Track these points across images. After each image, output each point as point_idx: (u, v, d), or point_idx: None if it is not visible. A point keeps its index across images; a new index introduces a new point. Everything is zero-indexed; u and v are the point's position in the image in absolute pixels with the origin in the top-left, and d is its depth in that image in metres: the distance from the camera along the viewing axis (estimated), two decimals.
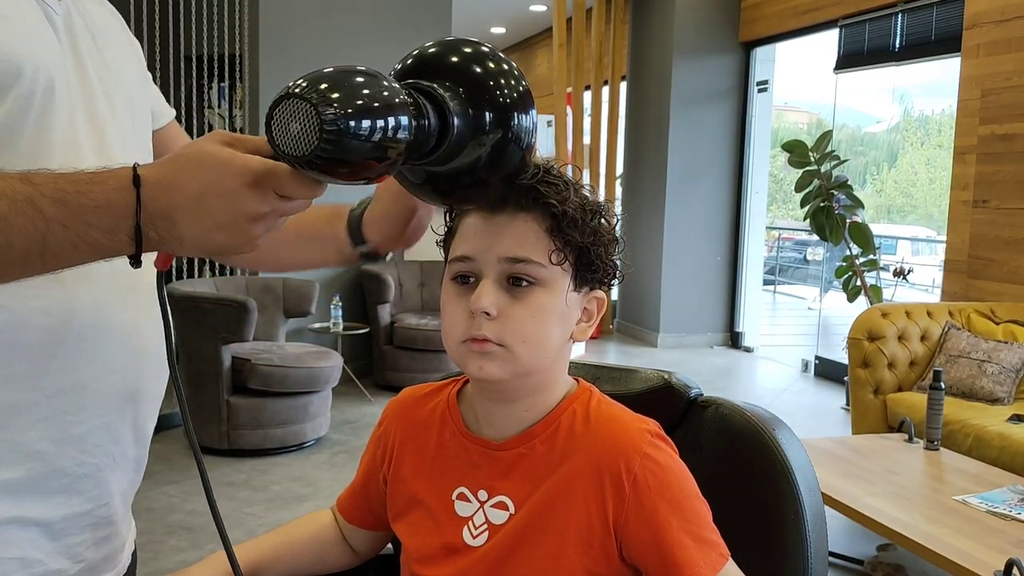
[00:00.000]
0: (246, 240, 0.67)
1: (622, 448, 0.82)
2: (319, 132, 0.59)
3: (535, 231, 0.80)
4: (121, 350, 0.83)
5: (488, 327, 0.79)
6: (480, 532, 0.86)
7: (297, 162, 0.62)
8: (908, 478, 2.72)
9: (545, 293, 0.81)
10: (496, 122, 0.72)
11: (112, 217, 0.65)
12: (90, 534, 0.84)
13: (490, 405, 0.88)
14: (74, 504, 0.81)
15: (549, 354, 0.83)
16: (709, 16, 6.92)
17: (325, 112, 0.59)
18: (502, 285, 0.81)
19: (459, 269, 0.83)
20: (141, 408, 0.87)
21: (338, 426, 4.48)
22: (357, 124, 0.60)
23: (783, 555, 0.88)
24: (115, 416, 0.83)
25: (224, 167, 0.65)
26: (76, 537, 0.82)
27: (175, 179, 0.65)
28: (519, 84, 0.74)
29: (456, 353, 0.83)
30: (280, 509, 3.38)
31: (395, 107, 0.63)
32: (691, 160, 6.98)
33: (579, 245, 0.81)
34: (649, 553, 0.80)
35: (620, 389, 1.03)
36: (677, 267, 7.05)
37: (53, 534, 0.80)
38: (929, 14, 5.24)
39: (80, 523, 0.82)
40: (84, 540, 0.83)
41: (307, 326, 5.06)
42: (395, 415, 0.97)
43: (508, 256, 0.80)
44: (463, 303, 0.81)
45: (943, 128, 17.33)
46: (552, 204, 0.80)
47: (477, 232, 0.82)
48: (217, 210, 0.65)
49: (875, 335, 3.84)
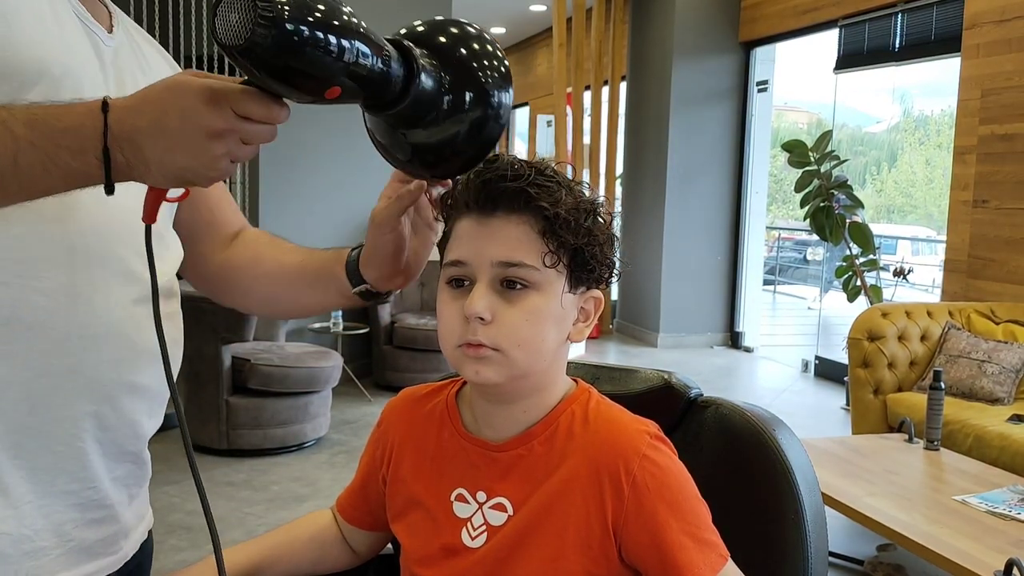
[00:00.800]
0: (208, 161, 0.68)
1: (621, 450, 0.82)
2: (254, 20, 0.61)
3: (528, 234, 0.80)
4: (121, 343, 0.83)
5: (482, 332, 0.79)
6: (479, 533, 0.86)
7: (235, 52, 0.63)
8: (908, 478, 2.72)
9: (539, 296, 0.81)
10: (476, 101, 0.76)
11: (79, 138, 0.67)
12: (78, 514, 0.83)
13: (488, 406, 0.87)
14: (59, 483, 0.81)
15: (545, 356, 0.83)
16: (709, 16, 6.92)
17: (261, 2, 0.62)
18: (495, 289, 0.80)
19: (453, 273, 0.83)
20: (137, 402, 0.86)
21: (338, 426, 4.48)
22: (295, 22, 0.62)
23: (783, 555, 0.88)
24: (107, 407, 0.83)
25: (183, 87, 0.67)
26: (63, 515, 0.82)
27: (141, 104, 0.68)
28: (500, 65, 0.77)
29: (452, 357, 0.83)
30: (280, 509, 3.38)
31: (343, 25, 0.65)
32: (691, 160, 6.98)
33: (573, 247, 0.81)
34: (648, 554, 0.80)
35: (620, 389, 1.03)
36: (677, 267, 7.05)
37: (39, 509, 0.80)
38: (929, 14, 5.24)
39: (66, 501, 0.82)
40: (72, 519, 0.83)
41: (307, 326, 5.07)
42: (394, 416, 0.97)
43: (501, 260, 0.80)
44: (457, 307, 0.81)
45: (943, 128, 17.34)
46: (544, 207, 0.79)
47: (470, 236, 0.82)
48: (175, 130, 0.66)
49: (875, 335, 3.84)
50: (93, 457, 0.83)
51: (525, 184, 0.79)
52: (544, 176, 0.81)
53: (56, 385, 0.79)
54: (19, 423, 0.78)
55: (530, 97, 11.36)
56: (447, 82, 0.75)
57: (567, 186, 0.82)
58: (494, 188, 0.80)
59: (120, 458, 0.87)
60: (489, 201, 0.81)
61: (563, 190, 0.81)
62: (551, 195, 0.80)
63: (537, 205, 0.79)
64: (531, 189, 0.79)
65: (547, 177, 0.81)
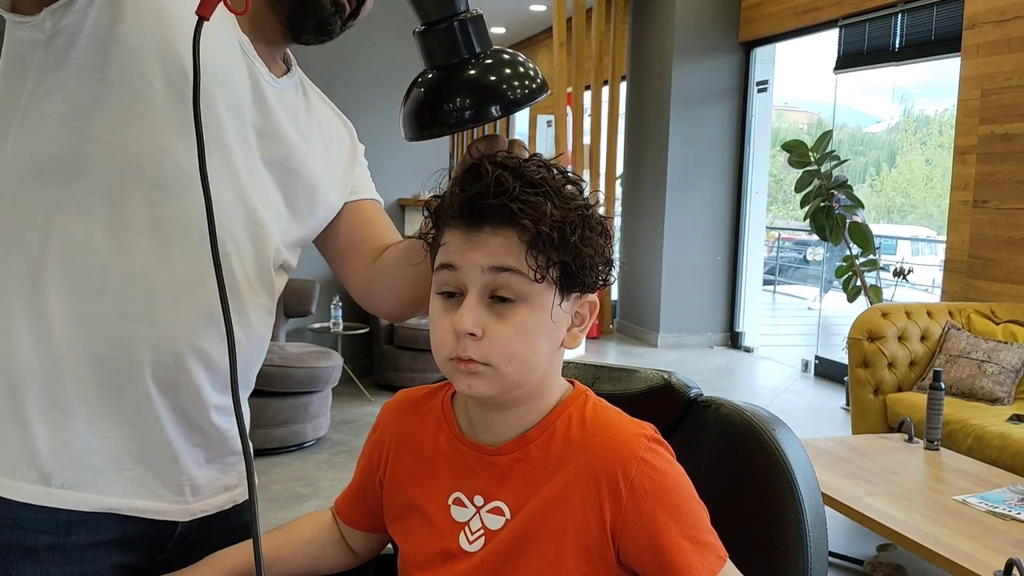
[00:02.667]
0: None
1: (619, 453, 0.82)
2: None
3: (516, 244, 0.78)
4: (196, 308, 0.92)
5: (473, 348, 0.79)
6: (476, 537, 0.85)
7: None
8: (908, 478, 2.72)
9: (528, 310, 0.80)
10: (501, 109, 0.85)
11: None
12: (139, 447, 0.93)
13: (483, 412, 0.87)
14: (123, 416, 0.91)
15: (537, 368, 0.82)
16: (709, 16, 6.92)
17: None
18: (485, 302, 0.79)
19: (443, 279, 0.82)
20: (200, 368, 0.94)
21: (338, 426, 4.49)
22: None
23: (783, 555, 0.88)
24: (171, 359, 0.92)
25: None
26: (119, 444, 0.91)
27: None
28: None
29: (444, 369, 0.83)
30: (280, 509, 3.38)
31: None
32: (691, 160, 6.98)
33: (561, 260, 0.79)
34: (647, 557, 0.80)
35: (620, 389, 1.03)
36: (677, 267, 7.05)
37: (97, 430, 0.90)
38: (929, 14, 5.24)
39: (126, 433, 0.92)
40: (129, 451, 0.92)
41: (307, 326, 5.07)
42: (390, 419, 0.97)
43: (491, 265, 0.79)
44: (448, 320, 0.80)
45: (944, 128, 17.34)
46: (526, 225, 0.77)
47: (459, 246, 0.81)
48: None
49: (875, 335, 3.84)
50: (157, 404, 0.92)
51: (508, 200, 0.78)
52: (531, 188, 0.79)
53: (133, 329, 0.90)
54: (97, 354, 0.89)
55: None
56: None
57: (556, 194, 0.80)
58: (478, 204, 0.79)
59: (183, 416, 0.95)
60: (475, 216, 0.79)
61: (549, 202, 0.79)
62: (535, 210, 0.78)
63: (520, 223, 0.78)
64: (513, 205, 0.77)
65: (535, 189, 0.79)
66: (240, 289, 0.97)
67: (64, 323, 0.88)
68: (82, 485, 0.89)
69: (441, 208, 0.83)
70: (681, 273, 7.05)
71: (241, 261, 0.97)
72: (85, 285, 0.89)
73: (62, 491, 0.88)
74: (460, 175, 0.82)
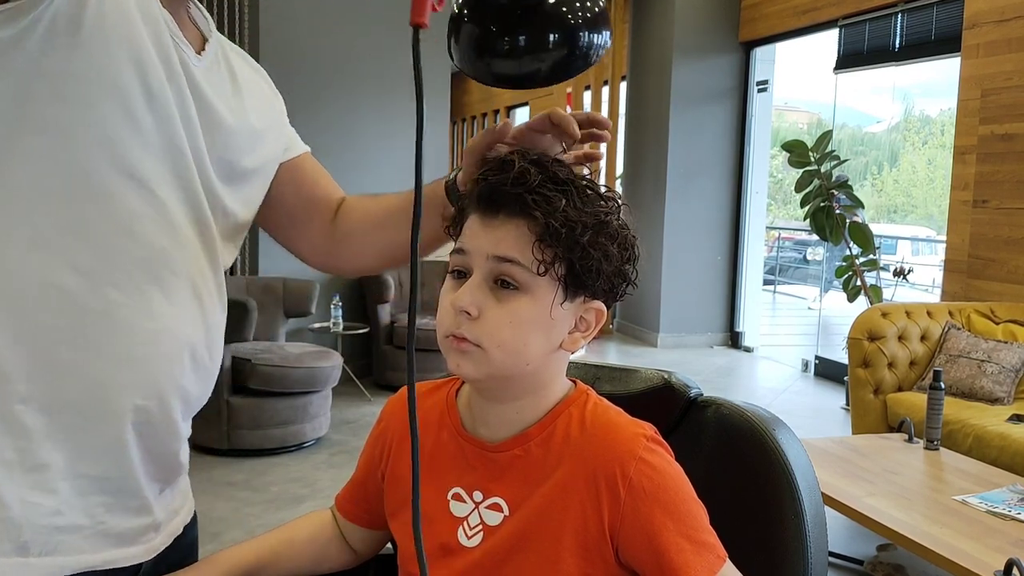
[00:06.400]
0: None
1: (618, 453, 0.82)
2: None
3: (526, 236, 0.80)
4: (178, 344, 0.88)
5: (467, 327, 0.80)
6: (475, 533, 0.86)
7: None
8: (908, 478, 2.72)
9: (528, 301, 0.80)
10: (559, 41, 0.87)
11: None
12: (112, 499, 0.86)
13: (484, 404, 0.88)
14: (98, 467, 0.84)
15: (527, 360, 0.82)
16: (709, 16, 6.92)
17: None
18: (488, 285, 0.81)
19: (455, 262, 0.84)
20: (180, 404, 0.90)
21: (338, 426, 4.49)
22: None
23: (783, 555, 0.88)
24: (155, 402, 0.86)
25: None
26: (96, 498, 0.85)
27: None
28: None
29: (441, 346, 0.84)
30: (280, 509, 3.38)
31: None
32: (691, 160, 6.98)
33: (567, 258, 0.80)
34: (645, 557, 0.80)
35: (620, 389, 1.03)
36: (677, 267, 7.05)
37: (74, 487, 0.83)
38: (929, 14, 5.24)
39: (101, 486, 0.85)
40: (104, 503, 0.86)
41: (307, 326, 5.06)
42: (394, 413, 0.98)
43: (496, 255, 0.80)
44: (452, 299, 0.82)
45: (945, 128, 17.34)
46: (536, 216, 0.79)
47: (474, 231, 0.83)
48: None
49: (875, 335, 3.84)
50: (132, 448, 0.86)
51: (524, 191, 0.79)
52: (552, 183, 0.80)
53: (112, 373, 0.83)
54: (71, 401, 0.82)
55: (530, 97, 11.36)
56: None
57: (578, 195, 0.81)
58: (497, 192, 0.81)
59: (158, 455, 0.90)
60: (493, 203, 0.81)
61: (569, 201, 0.80)
62: (549, 204, 0.79)
63: (531, 214, 0.79)
64: (528, 196, 0.79)
65: (555, 185, 0.80)
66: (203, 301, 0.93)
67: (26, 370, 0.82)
68: (60, 548, 0.83)
69: (467, 193, 0.86)
70: (681, 273, 7.05)
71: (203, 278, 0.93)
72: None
73: (40, 559, 0.82)
74: (491, 164, 0.83)
